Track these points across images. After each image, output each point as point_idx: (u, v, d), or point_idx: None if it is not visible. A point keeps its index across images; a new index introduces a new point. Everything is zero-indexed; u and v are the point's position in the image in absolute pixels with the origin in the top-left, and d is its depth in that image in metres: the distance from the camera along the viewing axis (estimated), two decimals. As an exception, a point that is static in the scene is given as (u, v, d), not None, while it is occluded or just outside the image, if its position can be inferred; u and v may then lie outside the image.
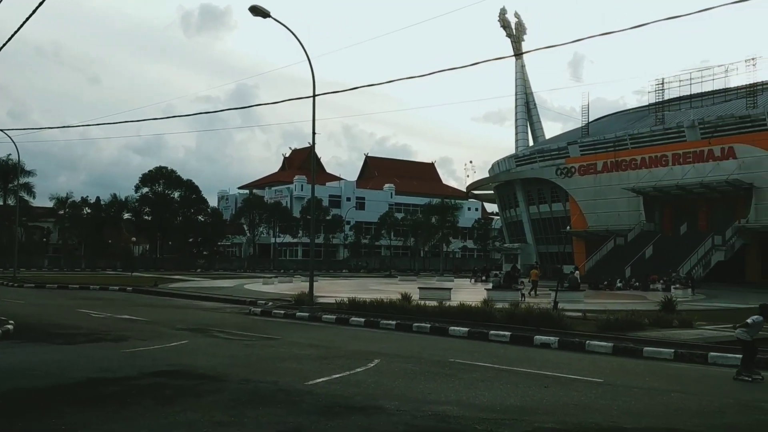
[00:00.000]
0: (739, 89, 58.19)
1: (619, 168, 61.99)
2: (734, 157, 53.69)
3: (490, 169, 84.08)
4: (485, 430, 7.46)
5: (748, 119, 54.48)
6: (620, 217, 60.93)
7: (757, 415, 8.62)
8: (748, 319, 11.98)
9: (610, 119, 75.91)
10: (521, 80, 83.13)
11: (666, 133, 60.34)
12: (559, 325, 17.54)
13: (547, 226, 72.24)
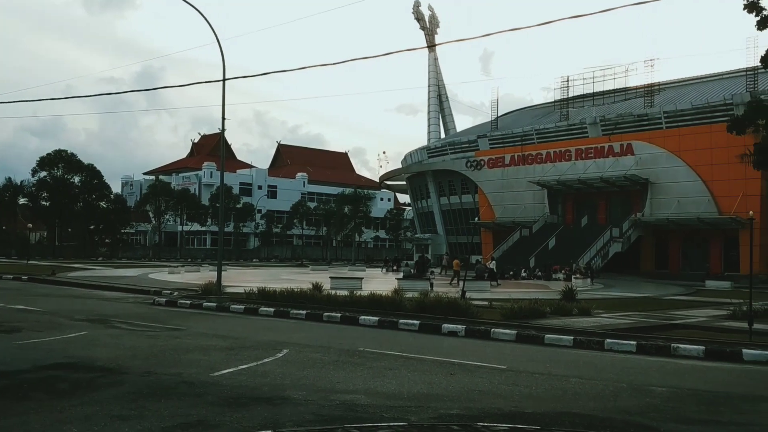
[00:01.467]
0: (638, 89, 61.17)
1: (526, 162, 64.00)
2: (632, 154, 56.46)
3: (403, 160, 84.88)
4: (392, 418, 7.53)
5: (646, 118, 57.42)
6: (526, 209, 62.97)
7: (648, 399, 9.10)
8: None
9: (518, 114, 78.12)
10: (434, 73, 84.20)
11: (570, 129, 62.73)
12: (466, 314, 17.94)
13: (457, 217, 73.71)
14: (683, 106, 55.16)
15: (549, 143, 63.35)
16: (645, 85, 60.10)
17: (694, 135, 52.27)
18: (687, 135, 53.06)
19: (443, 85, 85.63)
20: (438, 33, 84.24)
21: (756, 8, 19.08)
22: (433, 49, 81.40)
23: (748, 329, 15.22)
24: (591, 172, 57.92)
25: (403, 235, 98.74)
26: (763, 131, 20.16)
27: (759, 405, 9.08)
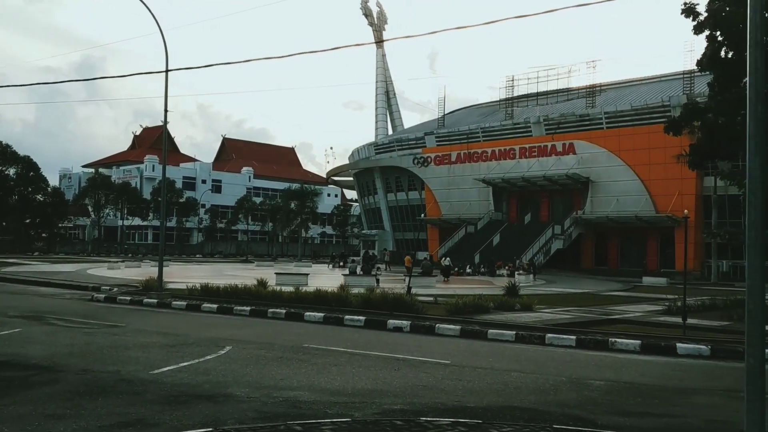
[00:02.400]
0: (580, 89, 62.59)
1: (472, 159, 64.77)
2: (574, 153, 57.79)
3: (350, 156, 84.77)
4: (336, 414, 7.51)
5: (587, 118, 58.83)
6: (471, 206, 63.74)
7: (587, 392, 9.33)
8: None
9: (464, 112, 78.93)
10: (382, 69, 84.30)
11: (514, 128, 63.76)
12: (412, 310, 18.03)
13: (404, 214, 74.07)
14: (623, 107, 56.72)
15: (494, 141, 64.26)
16: (587, 86, 61.56)
17: (633, 135, 53.83)
18: (626, 135, 54.61)
19: (391, 81, 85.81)
20: (386, 29, 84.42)
21: (693, 13, 19.71)
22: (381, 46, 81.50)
23: (682, 324, 15.77)
24: (534, 171, 59.02)
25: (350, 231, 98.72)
26: (699, 132, 20.87)
27: (692, 397, 9.40)
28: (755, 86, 5.79)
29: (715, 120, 19.71)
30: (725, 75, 19.15)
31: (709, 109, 20.22)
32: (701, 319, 18.41)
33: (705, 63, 20.03)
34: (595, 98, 60.32)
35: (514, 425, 7.03)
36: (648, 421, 7.76)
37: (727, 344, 13.39)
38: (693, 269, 48.65)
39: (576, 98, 62.68)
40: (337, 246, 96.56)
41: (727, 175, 22.86)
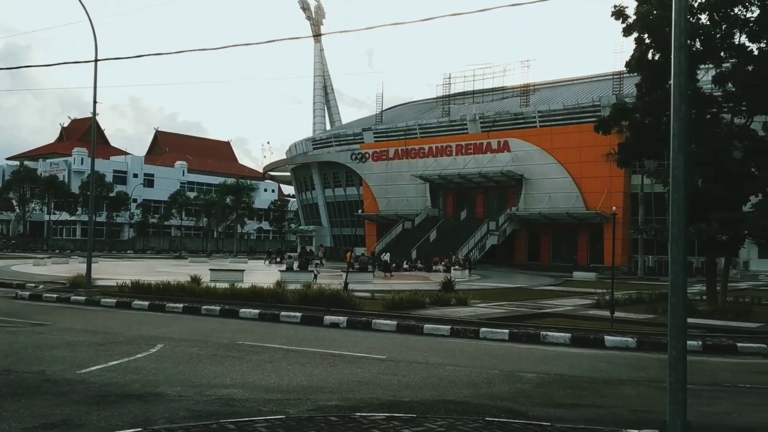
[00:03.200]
0: (514, 88, 63.82)
1: (409, 156, 65.20)
2: (508, 151, 58.90)
3: (288, 151, 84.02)
4: (270, 411, 7.43)
5: (521, 116, 60.03)
6: (409, 202, 64.18)
7: (519, 384, 9.53)
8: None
9: (402, 109, 79.35)
10: (320, 64, 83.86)
11: (451, 125, 64.48)
12: (349, 306, 18.03)
13: (342, 209, 73.95)
14: (556, 107, 58.12)
15: (431, 138, 64.84)
16: (521, 85, 62.82)
17: (565, 134, 55.23)
18: (559, 134, 55.99)
19: (329, 76, 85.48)
20: (324, 24, 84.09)
21: (622, 15, 20.35)
22: (318, 40, 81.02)
23: (610, 317, 16.29)
24: (470, 168, 59.87)
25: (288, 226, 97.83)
26: (627, 132, 21.57)
27: (618, 388, 9.72)
28: (679, 88, 6.01)
29: (642, 120, 20.41)
30: (652, 76, 19.84)
31: (637, 110, 20.92)
32: (628, 313, 19.06)
33: (633, 64, 20.70)
34: (529, 97, 61.60)
35: (448, 418, 7.11)
36: (577, 412, 7.97)
37: (652, 336, 13.90)
38: (621, 264, 50.35)
39: (511, 97, 63.87)
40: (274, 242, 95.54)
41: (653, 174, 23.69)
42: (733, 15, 19.61)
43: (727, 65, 20.32)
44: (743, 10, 19.59)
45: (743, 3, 19.48)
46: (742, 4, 19.50)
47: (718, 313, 18.75)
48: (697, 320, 17.50)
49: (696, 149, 19.25)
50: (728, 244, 20.24)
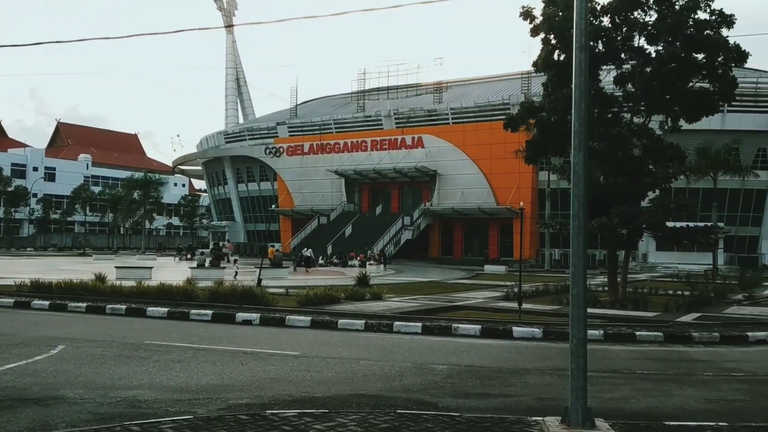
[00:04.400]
0: (428, 85, 64.76)
1: (324, 150, 64.99)
2: (423, 147, 59.71)
3: (199, 145, 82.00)
4: (178, 412, 7.24)
5: (435, 113, 60.97)
6: (324, 197, 63.99)
7: (430, 376, 9.69)
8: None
9: (317, 103, 78.98)
10: (232, 56, 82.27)
11: (366, 121, 64.75)
12: (262, 302, 17.79)
13: (256, 205, 72.89)
14: (467, 104, 59.37)
15: (346, 133, 64.87)
16: (434, 82, 63.82)
17: (476, 131, 56.48)
18: (470, 131, 57.21)
19: (242, 69, 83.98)
20: (236, 15, 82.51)
21: (530, 16, 20.98)
22: (230, 31, 79.47)
23: (518, 309, 16.82)
24: (385, 163, 60.31)
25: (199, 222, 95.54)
26: (534, 129, 22.29)
27: (525, 377, 10.04)
28: (580, 87, 6.26)
29: (549, 118, 21.12)
30: (558, 76, 20.56)
31: (543, 108, 21.63)
32: (535, 304, 19.75)
33: (540, 64, 21.39)
34: (442, 94, 62.65)
35: (360, 412, 7.14)
36: (485, 402, 8.19)
37: (557, 326, 14.43)
38: (529, 257, 52.10)
39: (424, 94, 64.77)
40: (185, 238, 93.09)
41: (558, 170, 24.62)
42: (633, 18, 20.60)
43: (627, 67, 21.32)
44: (642, 13, 20.62)
45: (642, 7, 20.50)
46: (641, 8, 20.52)
47: (619, 304, 19.71)
48: (599, 310, 18.36)
49: (598, 147, 20.12)
50: (628, 238, 21.26)
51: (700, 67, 19.95)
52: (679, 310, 18.55)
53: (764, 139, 51.99)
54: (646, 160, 21.03)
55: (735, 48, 19.67)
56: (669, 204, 21.10)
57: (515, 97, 53.48)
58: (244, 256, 57.92)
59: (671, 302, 19.54)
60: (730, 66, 20.14)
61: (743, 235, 53.29)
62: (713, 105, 20.77)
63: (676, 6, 20.16)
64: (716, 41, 19.58)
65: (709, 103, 20.58)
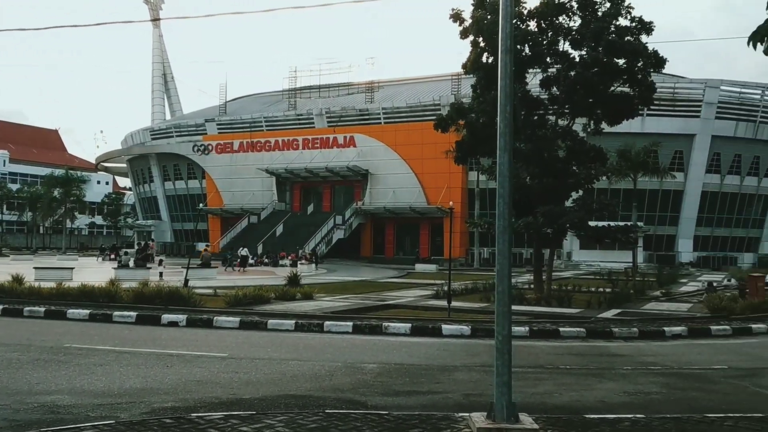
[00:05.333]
0: (360, 84, 64.84)
1: (255, 149, 64.17)
2: (354, 146, 59.74)
3: (123, 141, 79.55)
4: (99, 417, 7.01)
5: (367, 113, 61.11)
6: (255, 195, 63.17)
7: (360, 375, 9.71)
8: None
9: (247, 100, 77.87)
10: (159, 50, 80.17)
11: (298, 119, 64.29)
12: (189, 303, 17.42)
13: (183, 203, 71.30)
14: (399, 104, 59.78)
15: (278, 131, 64.26)
16: (366, 82, 63.97)
17: (407, 131, 56.92)
18: (402, 131, 57.62)
19: (169, 64, 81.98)
20: (163, 8, 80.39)
21: (459, 19, 21.29)
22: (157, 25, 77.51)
23: (447, 307, 17.05)
24: (317, 162, 60.04)
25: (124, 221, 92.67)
26: (463, 130, 22.63)
27: (453, 374, 10.19)
28: (505, 89, 6.40)
29: (477, 120, 21.50)
30: (486, 78, 20.94)
31: (472, 110, 22.00)
32: (464, 302, 20.06)
33: (469, 66, 21.74)
34: (374, 94, 62.85)
35: (288, 413, 7.08)
36: (414, 399, 8.27)
37: (485, 324, 14.69)
38: (459, 256, 52.94)
39: (356, 93, 64.84)
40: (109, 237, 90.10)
41: (487, 171, 25.09)
42: (558, 23, 21.20)
43: (553, 70, 21.91)
44: (567, 19, 21.24)
45: (567, 12, 21.12)
46: (566, 13, 21.14)
47: (544, 301, 20.26)
48: (526, 307, 18.82)
49: (525, 148, 20.63)
50: (553, 237, 21.88)
51: (621, 72, 20.70)
52: (601, 307, 19.24)
53: (681, 142, 54.51)
54: (570, 162, 21.69)
55: (653, 54, 20.51)
56: (591, 204, 21.82)
57: (446, 98, 54.17)
58: (171, 256, 56.50)
59: (593, 299, 20.23)
60: (649, 71, 20.97)
61: (661, 234, 55.71)
62: (633, 109, 21.59)
63: (599, 12, 20.85)
64: (636, 47, 20.37)
65: (629, 106, 21.38)
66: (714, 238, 57.47)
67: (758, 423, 7.03)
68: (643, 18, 20.63)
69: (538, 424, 6.48)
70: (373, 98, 62.36)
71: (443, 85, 60.25)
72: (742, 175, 57.24)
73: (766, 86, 56.44)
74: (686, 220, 55.90)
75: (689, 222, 55.98)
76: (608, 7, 20.76)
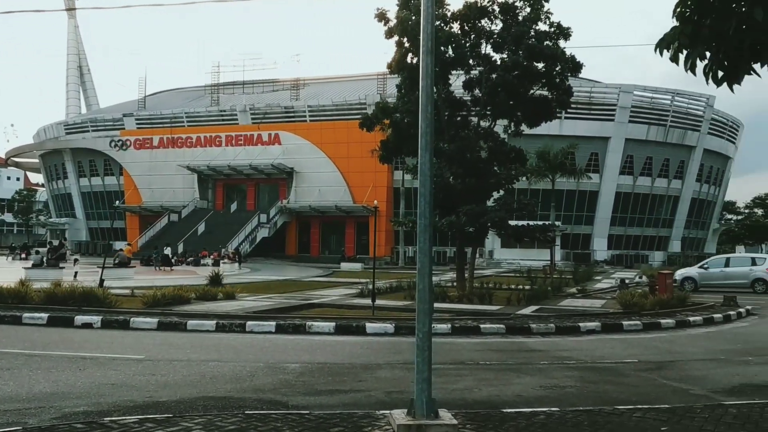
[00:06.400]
0: (285, 81, 64.26)
1: (176, 145, 62.59)
2: (279, 144, 59.16)
3: (36, 135, 76.00)
4: (6, 423, 6.67)
5: (292, 110, 60.63)
6: (175, 193, 61.61)
7: (282, 375, 9.61)
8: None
9: (168, 95, 75.86)
10: (74, 42, 77.07)
11: (221, 115, 63.14)
12: (104, 304, 16.81)
13: (100, 200, 68.80)
14: (325, 102, 59.62)
15: (200, 127, 62.92)
16: (292, 79, 63.50)
17: (333, 129, 56.83)
18: (328, 129, 57.48)
19: (85, 56, 78.93)
20: (79, -1, 77.16)
21: (384, 19, 21.38)
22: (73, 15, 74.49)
23: (371, 305, 17.11)
24: (241, 159, 59.12)
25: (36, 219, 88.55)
26: (388, 130, 22.76)
27: (376, 372, 10.24)
28: (426, 90, 6.47)
29: (402, 119, 21.67)
30: (411, 78, 21.12)
31: (397, 109, 22.16)
32: (389, 300, 20.20)
33: (394, 66, 21.86)
34: (300, 91, 62.45)
35: (206, 415, 6.94)
36: (336, 398, 8.26)
37: (409, 321, 14.79)
38: (384, 255, 53.23)
39: (281, 90, 64.26)
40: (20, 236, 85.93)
41: (411, 170, 25.33)
42: (480, 26, 21.60)
43: (475, 72, 22.33)
44: (489, 22, 21.67)
45: (489, 16, 21.54)
46: (488, 17, 21.56)
47: (466, 298, 20.62)
48: (448, 305, 19.11)
49: (448, 149, 20.94)
50: (475, 235, 22.29)
51: (540, 75, 21.29)
52: (520, 304, 19.75)
53: (596, 144, 56.67)
54: (492, 162, 22.16)
55: (571, 59, 21.20)
56: (512, 203, 22.36)
57: (372, 97, 54.39)
58: (87, 256, 54.39)
59: (513, 296, 20.74)
60: (567, 75, 21.65)
61: (578, 233, 57.78)
62: (551, 111, 22.25)
63: (519, 17, 21.37)
64: (554, 52, 21.00)
65: (547, 109, 22.03)
66: (627, 237, 60.05)
67: (665, 413, 7.37)
68: (561, 24, 21.27)
69: (457, 420, 6.59)
70: (299, 96, 61.94)
71: (369, 84, 60.46)
72: (653, 176, 60.05)
73: (675, 92, 59.44)
74: (601, 219, 58.19)
75: (604, 221, 58.30)
76: (528, 12, 21.30)
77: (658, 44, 4.91)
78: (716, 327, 16.71)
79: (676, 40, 4.75)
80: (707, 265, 29.90)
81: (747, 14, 4.48)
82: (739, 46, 4.63)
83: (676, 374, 10.36)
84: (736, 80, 4.89)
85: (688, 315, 17.56)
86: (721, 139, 65.29)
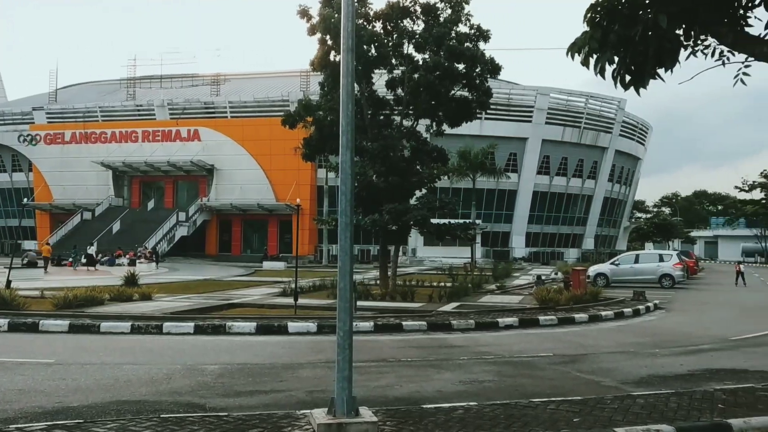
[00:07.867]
0: (205, 77, 62.87)
1: (89, 140, 60.21)
2: (199, 140, 57.79)
3: (-65, 129, 71.36)
4: None
5: (212, 106, 59.39)
6: (89, 190, 59.25)
7: (200, 377, 9.40)
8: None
9: (80, 88, 72.88)
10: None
11: (138, 110, 61.17)
12: (11, 306, 16.02)
13: (6, 198, 65.43)
14: (246, 98, 58.66)
15: (115, 122, 60.77)
16: (213, 74, 62.30)
17: (255, 126, 55.96)
18: (249, 126, 56.58)
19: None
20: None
21: (307, 15, 21.23)
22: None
23: (294, 304, 16.99)
24: (158, 156, 57.43)
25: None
26: (311, 127, 22.63)
27: (297, 371, 10.17)
28: (347, 88, 6.47)
29: (325, 117, 21.59)
30: (333, 76, 21.07)
31: (320, 107, 22.08)
32: (312, 299, 20.13)
33: (316, 64, 21.76)
34: (221, 87, 61.29)
35: (120, 420, 6.71)
36: (256, 399, 8.15)
37: (331, 320, 14.78)
38: (308, 253, 52.92)
39: (201, 85, 62.84)
40: None
41: (334, 168, 25.28)
42: (403, 26, 21.79)
43: (398, 72, 22.50)
44: (411, 22, 21.88)
45: (411, 16, 21.75)
46: (410, 17, 21.77)
47: (389, 296, 20.78)
48: (372, 303, 19.21)
49: (371, 147, 21.02)
50: (398, 233, 22.48)
51: (460, 76, 21.67)
52: (442, 300, 20.07)
53: (515, 145, 58.18)
54: (414, 161, 22.40)
55: (490, 61, 21.68)
56: (434, 202, 22.68)
57: (295, 94, 53.87)
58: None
59: (435, 293, 21.06)
60: (486, 77, 22.13)
61: (497, 231, 59.18)
62: (472, 112, 22.69)
63: (440, 18, 21.67)
64: (474, 53, 21.41)
65: (468, 110, 22.44)
66: (544, 234, 61.98)
67: (578, 405, 7.64)
68: (481, 26, 21.71)
69: (378, 417, 6.62)
70: (220, 91, 60.74)
71: (293, 81, 59.88)
72: (568, 176, 62.19)
73: (589, 95, 61.75)
74: (519, 217, 59.83)
75: (522, 220, 59.97)
76: (449, 13, 21.62)
77: (570, 48, 5.09)
78: (626, 321, 17.48)
79: (586, 45, 4.93)
80: (618, 262, 31.26)
81: (653, 21, 4.70)
82: (644, 51, 4.85)
83: (588, 367, 10.76)
84: (642, 84, 5.12)
85: (601, 310, 18.30)
86: (631, 141, 68.31)
